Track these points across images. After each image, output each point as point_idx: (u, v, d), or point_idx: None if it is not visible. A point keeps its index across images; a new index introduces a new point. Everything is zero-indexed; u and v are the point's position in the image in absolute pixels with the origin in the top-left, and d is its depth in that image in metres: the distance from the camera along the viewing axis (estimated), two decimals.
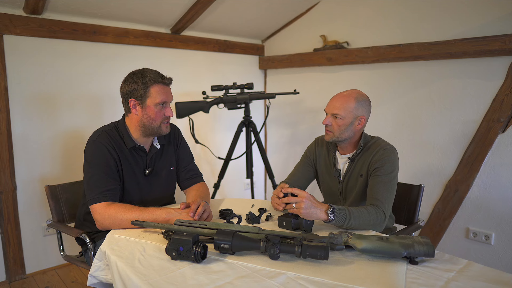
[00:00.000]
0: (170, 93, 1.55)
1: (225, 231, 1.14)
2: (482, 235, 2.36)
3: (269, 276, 1.01)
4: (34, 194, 2.40)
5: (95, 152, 1.48)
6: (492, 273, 1.01)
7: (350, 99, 1.53)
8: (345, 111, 1.52)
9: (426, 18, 2.50)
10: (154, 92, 1.48)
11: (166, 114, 1.52)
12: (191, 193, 1.69)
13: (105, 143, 1.50)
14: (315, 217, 1.30)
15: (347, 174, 1.61)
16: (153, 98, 1.49)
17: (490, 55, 2.22)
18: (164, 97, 1.50)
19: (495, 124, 2.24)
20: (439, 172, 2.52)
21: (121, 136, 1.56)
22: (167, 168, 1.69)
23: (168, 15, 2.73)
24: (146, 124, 1.52)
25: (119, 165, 1.52)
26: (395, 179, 1.51)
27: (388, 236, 1.14)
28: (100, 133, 1.53)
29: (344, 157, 1.64)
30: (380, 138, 1.61)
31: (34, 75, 2.33)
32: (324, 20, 3.10)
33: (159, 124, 1.53)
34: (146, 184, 1.62)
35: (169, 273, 1.03)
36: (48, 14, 2.33)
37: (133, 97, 1.50)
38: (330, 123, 1.56)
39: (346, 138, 1.56)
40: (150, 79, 1.48)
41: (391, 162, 1.49)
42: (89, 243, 1.56)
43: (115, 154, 1.51)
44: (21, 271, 2.40)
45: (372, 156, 1.53)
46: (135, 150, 1.58)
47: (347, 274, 1.02)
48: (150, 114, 1.50)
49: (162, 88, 1.50)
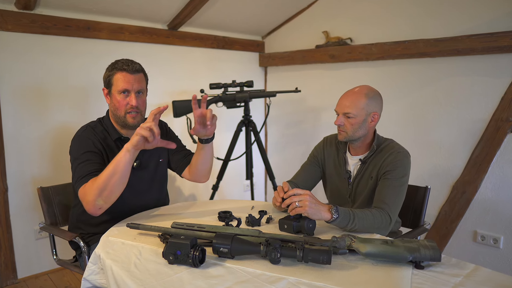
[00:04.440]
0: (136, 82, 1.54)
1: (224, 234, 1.14)
2: (490, 239, 2.36)
3: (269, 281, 1.01)
4: (26, 196, 2.40)
5: (80, 145, 1.52)
6: (501, 278, 1.01)
7: (361, 95, 1.52)
8: (356, 109, 1.51)
9: (432, 13, 2.50)
10: (116, 79, 1.53)
11: (129, 103, 1.54)
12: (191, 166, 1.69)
13: (90, 137, 1.54)
14: (319, 215, 1.29)
15: (357, 176, 1.61)
16: (115, 85, 1.54)
17: (498, 51, 2.21)
18: (125, 85, 1.52)
19: (503, 123, 2.24)
20: (445, 173, 2.52)
21: (106, 128, 1.61)
22: (155, 160, 1.70)
23: (165, 10, 2.73)
24: (114, 112, 1.58)
25: (105, 158, 1.55)
26: (405, 184, 1.50)
27: (393, 240, 1.14)
28: (85, 128, 1.59)
29: (355, 159, 1.63)
30: (394, 141, 1.61)
31: (26, 73, 2.33)
32: (326, 15, 3.10)
33: (124, 114, 1.55)
34: (134, 177, 1.60)
35: (166, 277, 1.03)
36: (41, 10, 2.33)
37: (104, 86, 1.59)
38: (342, 123, 1.55)
39: (360, 136, 1.56)
40: (116, 67, 1.54)
41: (403, 166, 1.49)
42: (83, 246, 1.56)
43: (100, 147, 1.55)
44: (12, 275, 2.39)
45: (384, 159, 1.52)
46: (120, 142, 1.60)
47: (350, 279, 1.02)
48: (115, 102, 1.56)
49: (124, 75, 1.52)
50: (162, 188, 1.78)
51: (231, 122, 3.36)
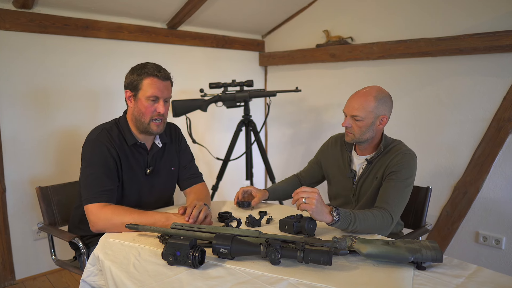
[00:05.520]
0: (166, 89, 1.52)
1: (224, 235, 1.14)
2: (492, 239, 2.36)
3: (270, 282, 1.01)
4: (24, 195, 2.40)
5: (94, 151, 1.48)
6: (503, 279, 1.02)
7: (370, 98, 1.50)
8: (365, 112, 1.50)
9: (433, 12, 2.49)
10: (146, 85, 1.49)
11: (157, 110, 1.50)
12: (190, 195, 1.69)
13: (105, 142, 1.50)
14: (321, 216, 1.29)
15: (362, 176, 1.60)
16: (144, 91, 1.49)
17: (500, 51, 2.21)
18: (155, 92, 1.49)
19: (505, 123, 2.24)
20: (447, 173, 2.52)
21: (122, 132, 1.56)
22: (167, 169, 1.69)
23: (164, 9, 2.73)
24: (137, 117, 1.53)
25: (118, 165, 1.52)
26: (410, 186, 1.50)
27: (394, 241, 1.14)
28: (100, 131, 1.53)
29: (361, 158, 1.63)
30: (402, 142, 1.60)
31: (24, 72, 2.33)
32: (327, 14, 3.10)
33: (148, 121, 1.51)
34: (146, 184, 1.61)
35: (165, 278, 1.03)
36: (39, 8, 2.33)
37: (129, 88, 1.53)
38: (350, 125, 1.54)
39: (368, 139, 1.55)
40: (146, 71, 1.49)
41: (409, 168, 1.49)
42: (82, 247, 1.56)
43: (115, 153, 1.51)
44: (10, 276, 2.40)
45: (390, 160, 1.52)
46: (135, 148, 1.58)
47: (351, 280, 1.02)
48: (140, 107, 1.51)
49: (155, 81, 1.49)
50: (170, 195, 1.78)
51: (231, 122, 3.36)
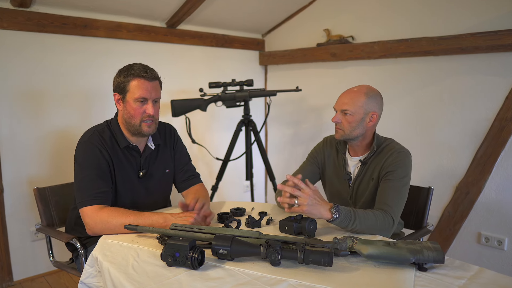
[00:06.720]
0: (154, 90, 1.51)
1: (223, 236, 1.14)
2: (494, 240, 2.36)
3: (270, 283, 1.01)
4: (22, 196, 2.40)
5: (86, 154, 1.49)
6: (505, 280, 1.02)
7: (360, 94, 1.52)
8: (354, 107, 1.51)
9: (435, 11, 2.49)
10: (133, 86, 1.48)
11: (146, 111, 1.50)
12: (189, 196, 1.69)
13: (97, 144, 1.50)
14: (319, 215, 1.29)
15: (358, 177, 1.61)
16: (132, 93, 1.49)
17: (503, 50, 2.21)
18: (142, 93, 1.48)
19: (508, 122, 2.23)
20: (449, 173, 2.52)
21: (114, 135, 1.56)
22: (161, 171, 1.68)
23: (163, 8, 2.73)
24: (127, 120, 1.53)
25: (111, 167, 1.52)
26: (407, 184, 1.50)
27: (395, 241, 1.14)
28: (92, 133, 1.54)
29: (355, 160, 1.63)
30: (394, 141, 1.60)
31: (22, 72, 2.33)
32: (328, 13, 3.10)
33: (139, 123, 1.51)
34: (139, 186, 1.61)
35: (164, 280, 1.03)
36: (37, 7, 2.33)
37: (117, 91, 1.53)
38: (339, 120, 1.55)
39: (358, 136, 1.55)
40: (132, 72, 1.48)
41: (404, 166, 1.49)
42: (80, 248, 1.56)
43: (107, 155, 1.51)
44: (8, 278, 2.39)
45: (385, 160, 1.52)
46: (128, 150, 1.58)
47: (352, 281, 1.02)
48: (129, 110, 1.51)
49: (142, 82, 1.48)
50: (166, 198, 1.78)
51: (230, 122, 3.36)
